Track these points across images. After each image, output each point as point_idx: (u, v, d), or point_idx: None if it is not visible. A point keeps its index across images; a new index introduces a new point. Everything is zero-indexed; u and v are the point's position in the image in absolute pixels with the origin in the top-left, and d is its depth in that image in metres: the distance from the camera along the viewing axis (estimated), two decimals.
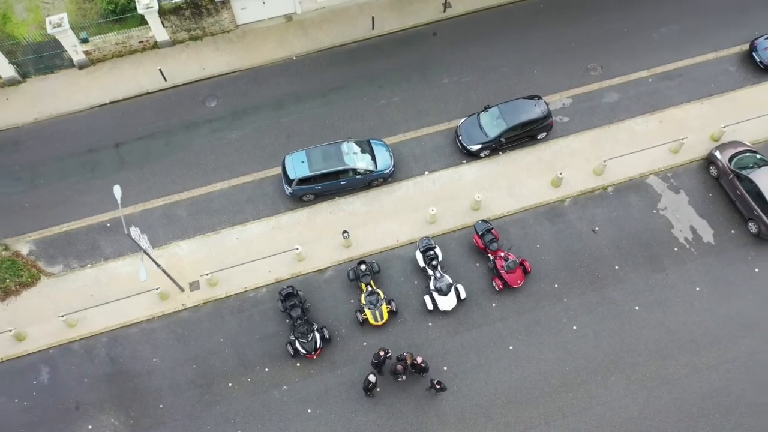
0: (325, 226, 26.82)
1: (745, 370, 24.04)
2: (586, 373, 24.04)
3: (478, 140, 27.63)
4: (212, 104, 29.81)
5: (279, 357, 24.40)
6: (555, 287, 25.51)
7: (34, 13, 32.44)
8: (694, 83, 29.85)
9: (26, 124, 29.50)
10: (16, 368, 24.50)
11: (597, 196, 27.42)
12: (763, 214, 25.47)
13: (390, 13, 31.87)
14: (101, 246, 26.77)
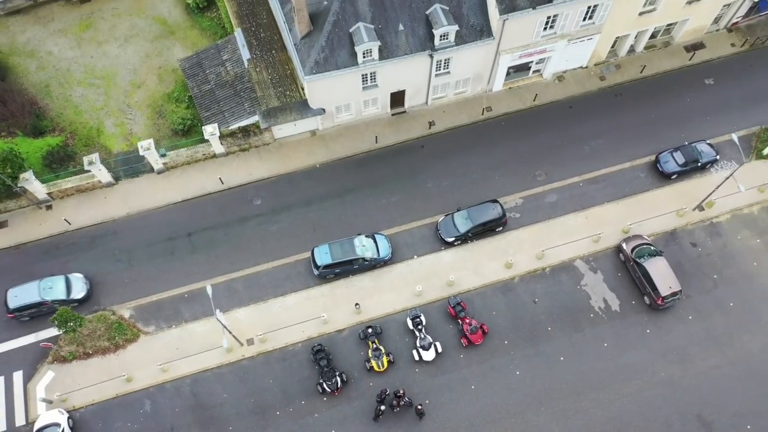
0: (342, 298, 37.58)
1: (635, 403, 34.86)
2: (525, 405, 34.83)
3: (452, 234, 38.46)
4: (258, 202, 40.55)
5: (311, 393, 35.15)
6: (505, 343, 36.30)
7: (120, 127, 43.21)
8: (613, 187, 40.71)
9: (120, 218, 40.24)
10: (128, 402, 35.22)
11: (538, 275, 38.22)
12: (652, 291, 36.29)
13: (389, 130, 42.66)
14: (182, 311, 37.48)
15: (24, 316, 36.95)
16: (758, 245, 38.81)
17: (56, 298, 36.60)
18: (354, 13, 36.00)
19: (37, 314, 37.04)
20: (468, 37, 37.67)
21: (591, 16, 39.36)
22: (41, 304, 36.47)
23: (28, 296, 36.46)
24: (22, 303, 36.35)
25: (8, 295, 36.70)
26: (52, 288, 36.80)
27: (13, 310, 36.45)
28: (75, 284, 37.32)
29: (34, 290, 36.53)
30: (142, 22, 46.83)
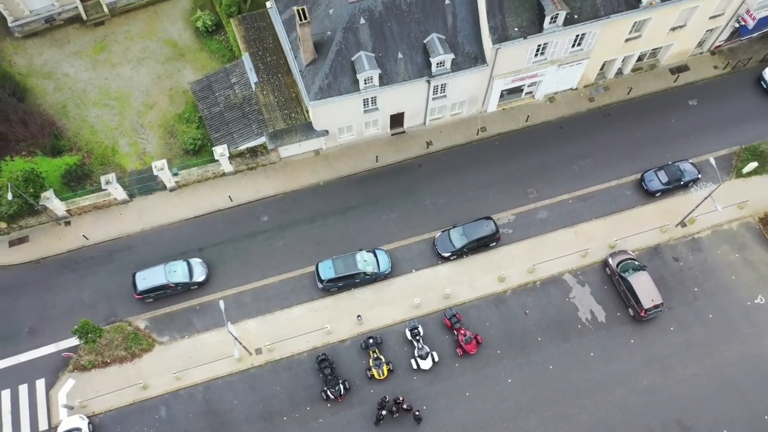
0: (345, 310, 39.94)
1: (619, 409, 37.26)
2: (516, 411, 37.21)
3: (448, 249, 40.81)
4: (265, 219, 42.91)
5: (316, 400, 37.52)
6: (498, 353, 38.67)
7: (134, 146, 45.57)
8: (600, 204, 43.07)
9: (135, 233, 42.60)
10: (144, 408, 37.61)
11: (529, 288, 40.60)
12: (636, 304, 38.66)
13: (388, 149, 45.01)
14: (194, 322, 39.85)
15: (149, 298, 39.75)
16: (737, 260, 41.17)
17: (180, 281, 39.49)
18: (356, 43, 38.36)
19: (161, 296, 39.93)
20: (463, 64, 40.04)
21: (579, 43, 41.71)
22: (166, 287, 39.27)
23: (155, 279, 39.25)
24: (150, 285, 39.22)
25: (136, 278, 39.50)
26: (177, 272, 39.53)
27: (141, 292, 39.23)
28: (196, 268, 40.22)
29: (161, 274, 39.36)
30: (154, 45, 49.19)
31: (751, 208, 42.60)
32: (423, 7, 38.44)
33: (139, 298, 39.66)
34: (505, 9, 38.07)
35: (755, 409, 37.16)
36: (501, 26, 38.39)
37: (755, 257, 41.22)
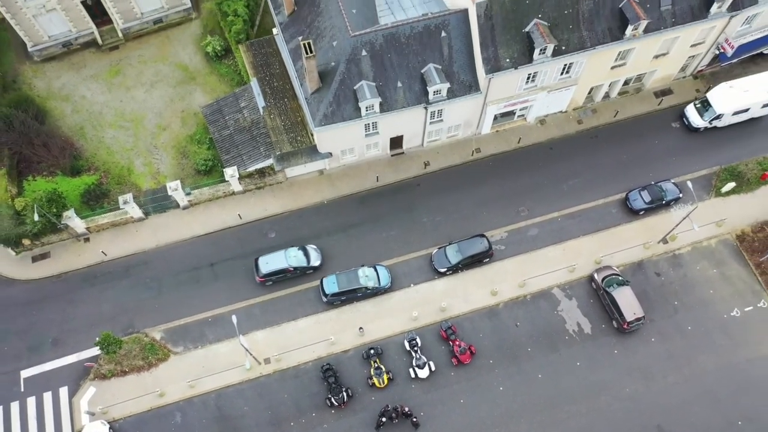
0: (348, 322, 42.69)
1: (603, 415, 40.03)
2: (507, 417, 39.97)
3: (444, 265, 43.57)
4: (272, 235, 45.62)
5: (321, 407, 40.28)
6: (490, 362, 41.43)
7: (148, 167, 48.31)
8: (588, 222, 45.81)
9: (151, 249, 45.33)
10: (161, 414, 40.36)
11: (520, 301, 43.35)
12: (619, 317, 41.40)
13: (388, 169, 47.74)
14: (206, 334, 42.60)
15: (270, 281, 42.98)
16: (715, 275, 43.92)
17: (299, 265, 42.87)
18: (358, 73, 41.09)
19: (281, 279, 43.22)
20: (458, 91, 42.77)
21: (568, 71, 44.43)
22: (286, 271, 42.60)
23: (276, 263, 42.61)
24: (272, 269, 42.53)
25: (260, 262, 42.88)
26: (296, 257, 42.97)
27: (264, 275, 42.54)
28: (312, 254, 43.64)
29: (282, 258, 42.68)
30: (166, 69, 51.91)
31: (728, 225, 45.34)
32: (421, 39, 41.16)
33: (261, 281, 43.02)
34: (498, 41, 40.81)
35: (729, 416, 39.91)
36: (494, 57, 41.15)
37: (732, 272, 43.98)
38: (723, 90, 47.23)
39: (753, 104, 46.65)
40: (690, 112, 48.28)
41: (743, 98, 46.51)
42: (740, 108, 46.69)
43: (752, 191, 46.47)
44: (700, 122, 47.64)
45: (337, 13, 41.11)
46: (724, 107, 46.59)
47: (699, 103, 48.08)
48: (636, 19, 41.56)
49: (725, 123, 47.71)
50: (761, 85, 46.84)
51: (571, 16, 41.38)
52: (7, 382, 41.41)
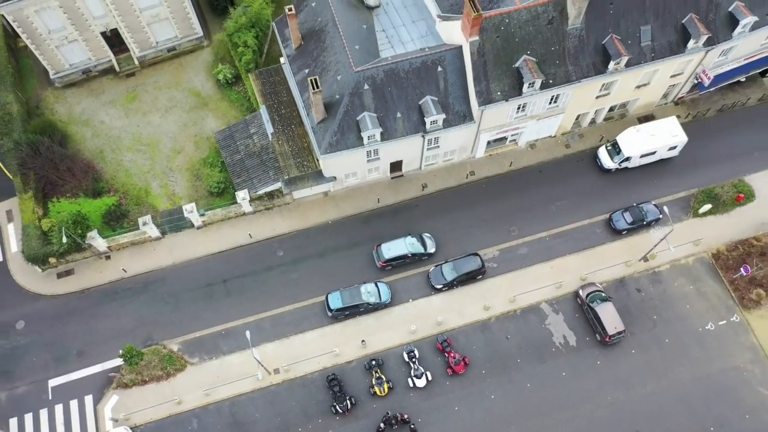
0: (351, 335, 46.31)
1: (587, 422, 43.67)
2: (498, 424, 43.61)
3: (440, 281, 47.21)
4: (280, 254, 49.22)
5: (326, 414, 43.90)
6: (483, 372, 45.07)
7: (164, 188, 51.91)
8: (574, 241, 49.42)
9: (167, 266, 48.93)
10: (179, 420, 44.00)
11: (510, 316, 46.98)
12: (602, 330, 45.02)
13: (388, 191, 51.36)
14: (220, 346, 46.21)
15: (390, 265, 47.49)
16: (691, 291, 47.54)
17: (416, 251, 47.36)
18: (360, 105, 44.69)
19: (400, 264, 47.72)
20: (453, 121, 46.38)
21: (555, 101, 48.07)
22: (405, 257, 47.12)
23: (397, 250, 47.26)
24: (393, 255, 47.10)
25: (382, 248, 47.40)
26: (413, 244, 47.41)
27: (386, 260, 47.10)
28: (427, 242, 48.05)
29: (402, 245, 47.35)
30: (180, 95, 55.52)
31: (705, 244, 48.97)
32: (418, 73, 44.76)
33: (383, 266, 47.47)
34: (490, 76, 44.43)
35: (703, 422, 43.54)
36: (486, 91, 44.77)
37: (707, 289, 47.61)
38: (631, 134, 50.11)
39: (659, 147, 49.75)
40: (602, 154, 51.27)
41: (649, 142, 49.57)
42: (647, 151, 49.72)
43: (728, 212, 50.08)
44: (611, 164, 50.66)
45: (341, 50, 44.72)
46: (631, 150, 49.61)
47: (610, 146, 51.12)
48: (618, 55, 45.21)
49: (634, 164, 50.78)
50: (666, 130, 49.88)
51: (557, 53, 45.01)
52: (36, 391, 45.04)
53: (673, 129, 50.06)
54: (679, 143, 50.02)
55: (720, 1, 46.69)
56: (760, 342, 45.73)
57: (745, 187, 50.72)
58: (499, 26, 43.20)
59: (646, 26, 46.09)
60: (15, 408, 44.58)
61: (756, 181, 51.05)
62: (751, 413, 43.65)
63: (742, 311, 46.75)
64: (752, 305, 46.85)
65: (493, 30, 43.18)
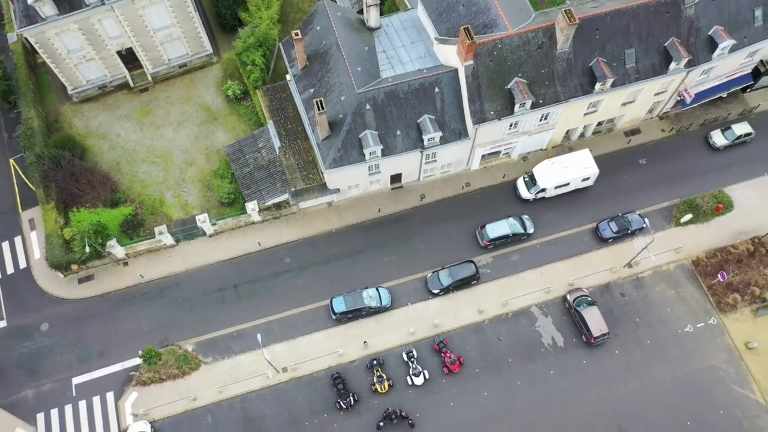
0: (354, 336, 51.63)
1: (572, 417, 48.98)
2: (490, 420, 48.91)
3: (437, 286, 52.54)
4: (287, 260, 54.54)
5: (331, 409, 49.22)
6: (476, 371, 50.37)
7: (177, 198, 57.24)
8: (562, 248, 54.73)
9: (181, 272, 54.25)
10: (194, 416, 49.33)
11: (503, 318, 52.29)
12: (587, 332, 50.31)
13: (389, 202, 56.68)
14: (232, 347, 51.53)
15: (494, 244, 53.51)
16: (672, 295, 52.85)
17: (517, 231, 53.55)
18: (362, 124, 49.99)
19: (504, 244, 53.92)
20: (450, 138, 51.70)
21: (546, 119, 53.37)
22: (507, 236, 53.42)
23: (500, 230, 53.60)
24: (496, 235, 53.28)
25: (486, 228, 53.65)
26: (514, 225, 53.69)
27: (490, 240, 53.15)
28: (527, 223, 54.29)
29: (504, 226, 53.74)
30: (191, 109, 60.85)
31: (685, 252, 54.29)
32: (417, 94, 50.07)
33: (486, 245, 53.57)
34: (483, 97, 49.74)
35: (680, 417, 48.84)
36: (480, 110, 50.09)
37: (687, 293, 52.92)
38: (546, 166, 54.91)
39: (572, 179, 54.68)
40: (520, 186, 56.14)
41: (563, 174, 54.37)
42: (560, 183, 54.63)
43: (707, 221, 55.38)
44: (528, 195, 55.56)
45: (344, 72, 49.99)
46: (546, 182, 54.55)
47: (527, 177, 56.01)
48: (603, 77, 50.48)
49: (550, 195, 55.67)
50: (579, 162, 54.70)
51: (547, 75, 50.31)
52: (61, 388, 50.39)
53: (586, 161, 54.79)
54: (591, 174, 54.75)
55: (700, 25, 51.91)
56: (735, 343, 51.05)
57: (724, 197, 56.06)
58: (492, 51, 48.54)
59: (630, 49, 51.37)
60: (41, 404, 49.91)
61: (735, 192, 56.37)
62: (725, 409, 48.95)
63: (719, 314, 52.07)
64: (728, 309, 52.18)
65: (486, 54, 48.51)
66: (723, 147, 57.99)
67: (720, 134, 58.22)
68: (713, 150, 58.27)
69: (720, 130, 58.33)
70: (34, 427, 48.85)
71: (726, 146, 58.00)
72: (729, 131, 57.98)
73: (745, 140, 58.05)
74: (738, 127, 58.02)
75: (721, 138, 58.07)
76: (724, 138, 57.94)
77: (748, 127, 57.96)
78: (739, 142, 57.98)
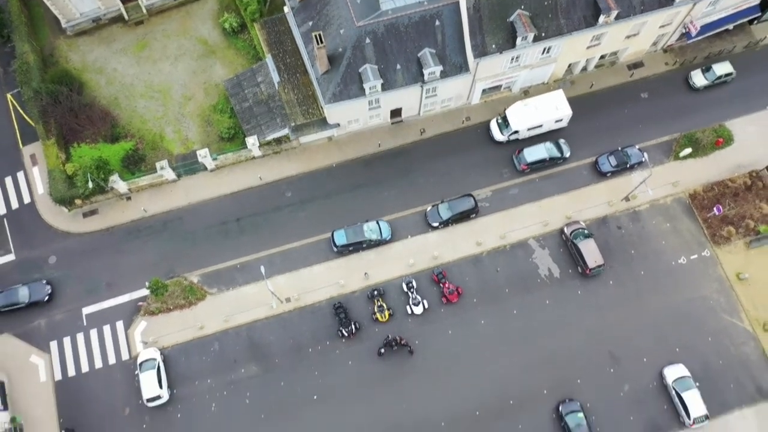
0: (355, 268, 53.72)
1: (566, 343, 51.62)
2: (488, 345, 51.58)
3: (437, 220, 54.25)
4: (289, 195, 56.02)
5: (333, 337, 51.84)
6: (474, 301, 52.72)
7: (178, 133, 58.18)
8: (561, 182, 56.14)
9: (184, 207, 55.86)
10: (202, 343, 51.98)
11: (501, 250, 54.23)
12: (583, 263, 52.33)
13: (388, 136, 57.66)
14: (236, 278, 53.70)
15: (530, 168, 55.04)
16: (667, 228, 54.63)
17: (553, 155, 55.22)
18: (362, 57, 50.40)
19: (539, 167, 55.45)
20: (450, 72, 52.19)
21: (548, 52, 53.66)
22: (544, 160, 55.06)
23: (538, 154, 55.05)
24: (534, 158, 54.87)
25: (524, 152, 55.13)
26: (551, 149, 55.33)
27: (528, 163, 54.87)
28: (563, 147, 55.44)
29: (542, 150, 55.09)
30: (188, 43, 60.93)
31: (683, 185, 55.73)
32: (417, 27, 50.25)
33: (524, 168, 55.25)
34: (485, 30, 49.96)
35: (670, 345, 51.47)
36: (481, 44, 50.40)
37: (682, 226, 54.68)
38: (518, 108, 55.40)
39: (545, 121, 55.27)
40: (493, 128, 56.74)
41: (536, 116, 54.97)
42: (533, 125, 55.27)
43: (707, 156, 56.59)
44: (501, 137, 56.26)
45: (343, 4, 49.99)
46: (519, 125, 55.19)
47: (500, 119, 56.53)
48: (608, 9, 50.52)
49: (523, 136, 56.41)
50: (551, 104, 55.10)
51: (550, 7, 50.34)
52: (72, 318, 52.86)
53: (559, 103, 55.19)
54: (564, 116, 55.32)
55: None
56: (727, 274, 53.21)
57: (725, 131, 57.05)
58: None
59: None
60: (54, 333, 52.51)
61: (735, 126, 57.34)
62: (713, 336, 51.56)
63: (712, 247, 54.01)
64: (722, 241, 54.06)
65: None
66: (703, 87, 58.36)
67: (700, 74, 58.53)
68: (693, 90, 58.62)
69: (700, 70, 58.67)
70: (48, 354, 51.61)
71: (706, 86, 58.29)
72: (710, 72, 58.24)
73: (726, 80, 58.42)
74: (719, 67, 58.23)
75: (701, 78, 58.38)
76: (704, 78, 58.26)
77: (729, 67, 58.19)
78: (719, 82, 58.35)
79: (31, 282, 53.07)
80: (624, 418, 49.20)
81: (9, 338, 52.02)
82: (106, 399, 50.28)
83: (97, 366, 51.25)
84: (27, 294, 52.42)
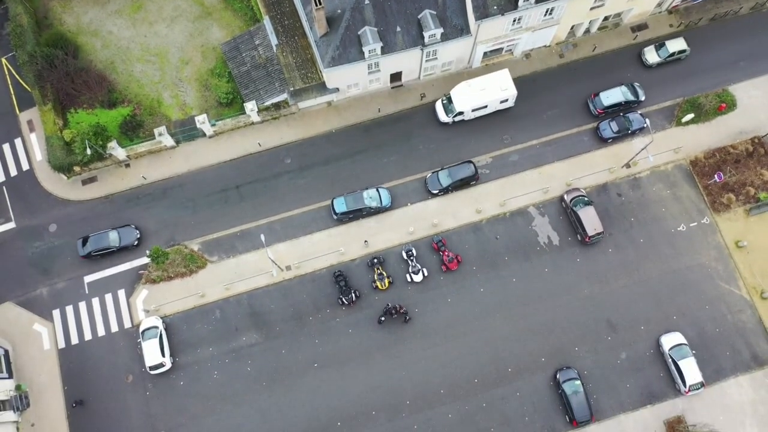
0: (355, 236, 51.41)
1: (564, 311, 49.65)
2: (486, 313, 49.71)
3: (437, 187, 51.63)
4: (288, 161, 53.27)
5: (333, 305, 49.93)
6: (473, 269, 50.63)
7: (175, 99, 54.99)
8: (562, 148, 53.26)
9: (184, 173, 53.16)
10: (203, 311, 50.12)
11: (500, 218, 51.85)
12: (582, 231, 50.03)
13: (388, 101, 54.47)
14: (236, 246, 51.47)
15: (606, 112, 52.64)
16: (668, 195, 52.08)
17: (629, 99, 52.70)
18: (361, 19, 46.86)
19: (613, 111, 52.99)
20: (451, 34, 48.67)
21: (550, 13, 49.99)
22: (621, 104, 52.74)
23: (614, 98, 52.57)
24: (610, 102, 52.40)
25: (600, 96, 52.52)
26: (626, 93, 52.98)
27: (604, 107, 52.32)
28: (638, 90, 53.13)
29: (618, 94, 52.63)
30: (184, 4, 57.01)
31: (684, 152, 52.87)
32: None
33: (600, 113, 52.59)
34: None
35: (667, 311, 49.61)
36: (482, 5, 46.77)
37: (683, 193, 52.12)
38: (462, 89, 51.42)
39: (490, 101, 51.39)
40: (438, 109, 52.86)
41: (480, 96, 51.07)
42: (477, 105, 51.41)
43: (709, 121, 53.53)
44: (446, 118, 52.50)
45: None
46: (463, 105, 51.34)
47: (446, 100, 52.63)
48: None
49: (469, 117, 52.54)
50: (496, 84, 51.14)
51: None
52: (74, 286, 50.83)
53: (504, 83, 51.27)
54: (510, 96, 51.52)
55: None
56: (726, 242, 50.93)
57: (728, 96, 53.81)
58: None
59: None
60: (56, 301, 50.58)
61: (739, 90, 54.06)
62: (710, 304, 49.68)
63: (712, 214, 51.57)
64: (722, 209, 51.59)
65: None
66: (655, 65, 54.48)
67: (653, 51, 54.45)
68: (646, 68, 54.89)
69: (654, 47, 54.57)
70: (51, 322, 49.87)
71: (658, 64, 54.42)
72: (663, 49, 54.16)
73: (680, 57, 54.55)
74: (672, 43, 54.13)
75: (653, 55, 54.37)
76: (657, 56, 54.28)
77: (683, 44, 54.10)
78: (672, 59, 54.48)
79: (120, 227, 51.12)
80: (621, 386, 47.69)
81: (12, 306, 50.15)
82: (110, 366, 48.69)
83: (99, 334, 49.54)
84: (117, 238, 50.48)
